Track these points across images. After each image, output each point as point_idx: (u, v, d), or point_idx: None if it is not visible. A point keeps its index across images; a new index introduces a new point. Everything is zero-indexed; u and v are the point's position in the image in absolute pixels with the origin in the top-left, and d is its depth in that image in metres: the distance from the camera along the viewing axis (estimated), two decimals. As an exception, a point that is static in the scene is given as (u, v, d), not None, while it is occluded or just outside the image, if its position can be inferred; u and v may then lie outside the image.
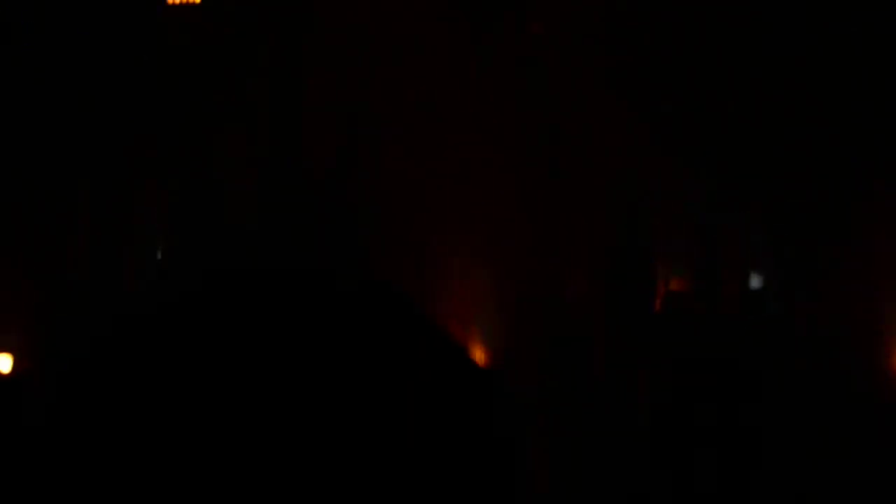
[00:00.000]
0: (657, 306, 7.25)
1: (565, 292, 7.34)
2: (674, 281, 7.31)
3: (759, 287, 7.34)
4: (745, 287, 7.33)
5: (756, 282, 7.35)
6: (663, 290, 7.26)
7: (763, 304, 7.28)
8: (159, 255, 7.91)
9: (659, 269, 7.29)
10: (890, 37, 7.10)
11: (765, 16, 7.29)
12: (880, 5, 7.13)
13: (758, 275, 7.36)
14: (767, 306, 7.27)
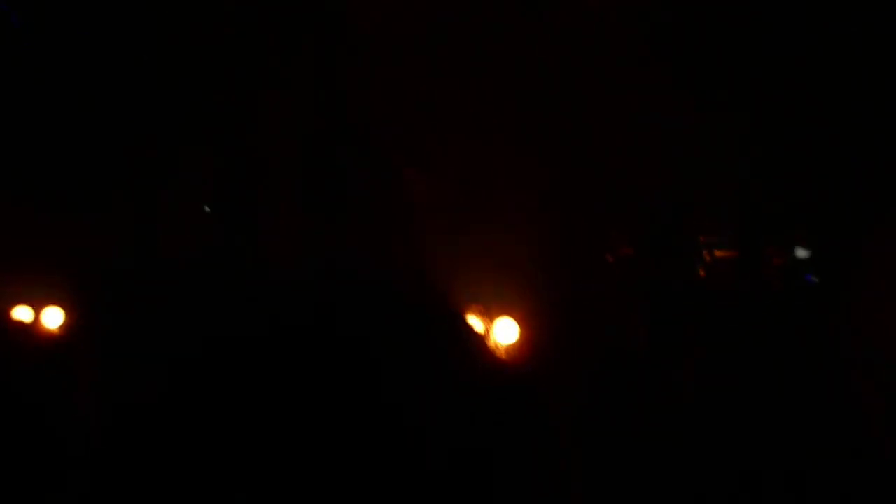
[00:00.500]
0: (702, 275, 7.25)
1: (610, 264, 7.35)
2: (718, 251, 7.32)
3: (805, 258, 7.34)
4: (791, 258, 7.33)
5: (802, 253, 7.35)
6: (708, 259, 7.27)
7: (807, 276, 7.26)
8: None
9: (703, 240, 7.30)
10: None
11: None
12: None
13: (803, 248, 7.36)
14: (811, 278, 7.25)
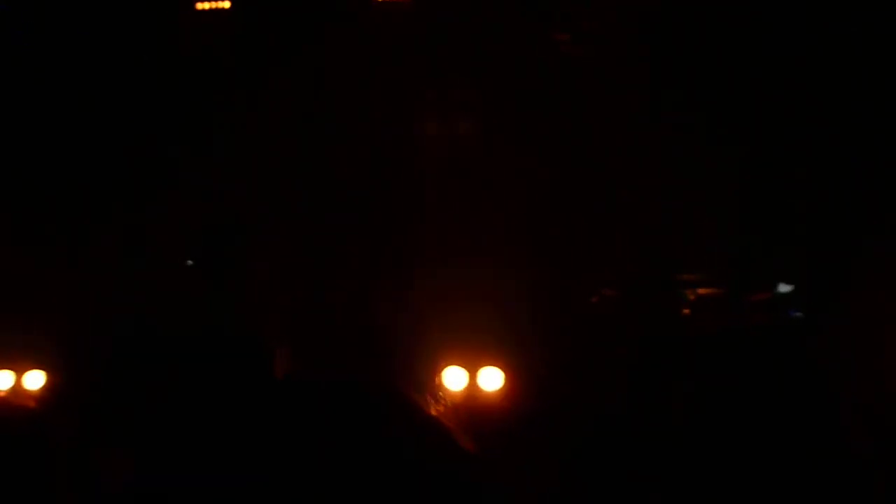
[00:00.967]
0: (686, 312, 7.23)
1: (591, 303, 7.33)
2: (702, 289, 7.31)
3: (788, 292, 7.33)
4: (774, 293, 7.33)
5: (784, 288, 7.35)
6: (692, 297, 7.25)
7: (790, 310, 7.25)
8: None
9: (687, 278, 7.29)
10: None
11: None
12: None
13: (785, 282, 7.36)
14: (794, 312, 7.24)
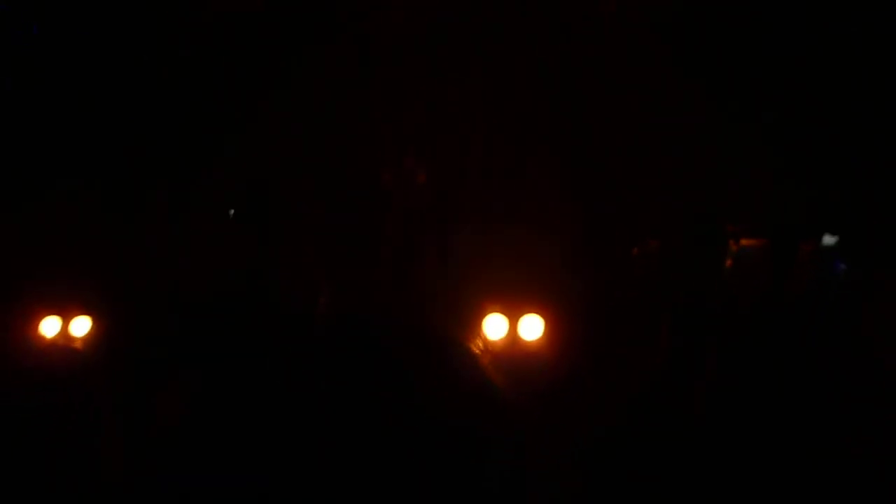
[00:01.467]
0: (728, 264, 7.16)
1: (633, 254, 7.29)
2: (745, 240, 7.23)
3: (833, 244, 7.24)
4: (818, 244, 7.24)
5: (829, 240, 7.25)
6: (735, 248, 7.18)
7: (836, 262, 7.16)
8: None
9: (730, 229, 7.21)
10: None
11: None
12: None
13: (831, 234, 7.26)
14: (839, 264, 7.15)
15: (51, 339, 6.70)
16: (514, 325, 6.88)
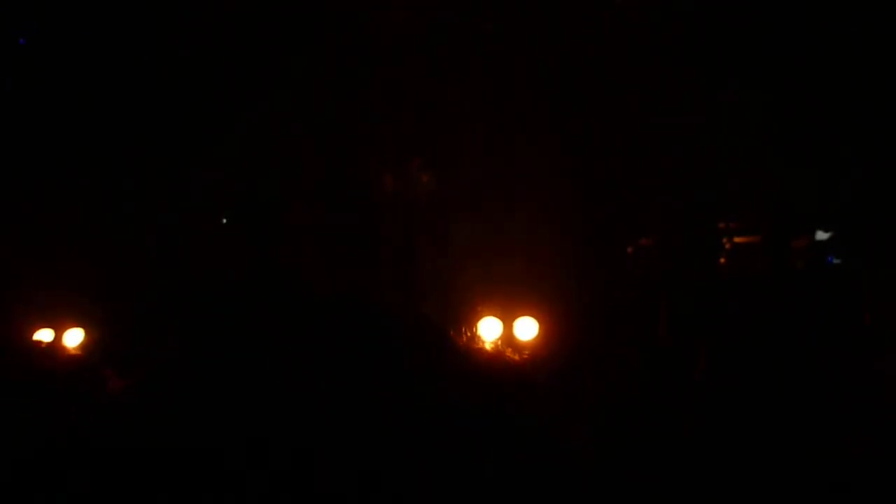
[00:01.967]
0: (722, 261, 7.15)
1: (628, 253, 7.28)
2: (738, 238, 7.23)
3: (826, 239, 7.22)
4: (811, 240, 7.22)
5: (822, 235, 7.24)
6: (728, 246, 7.17)
7: (828, 257, 7.14)
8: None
9: (722, 227, 7.21)
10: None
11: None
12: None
13: (823, 229, 7.25)
14: (832, 259, 7.13)
15: (44, 346, 6.72)
16: (508, 327, 6.90)
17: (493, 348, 6.87)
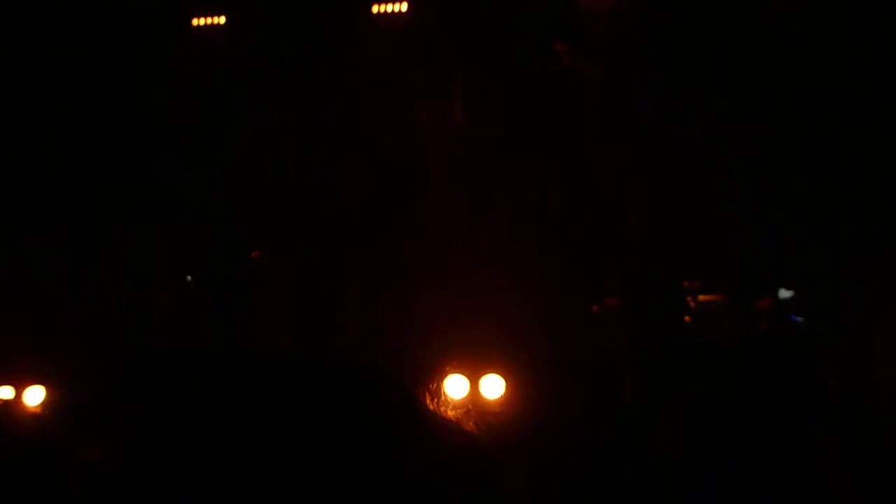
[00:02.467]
0: (687, 319, 7.20)
1: (591, 311, 7.31)
2: (703, 296, 7.28)
3: (788, 298, 7.29)
4: (775, 299, 7.28)
5: (786, 294, 7.30)
6: (693, 304, 7.22)
7: (791, 315, 7.20)
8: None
9: (687, 285, 7.26)
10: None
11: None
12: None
13: (786, 288, 7.32)
14: (795, 317, 7.20)
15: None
16: (475, 385, 6.87)
17: (459, 410, 6.85)
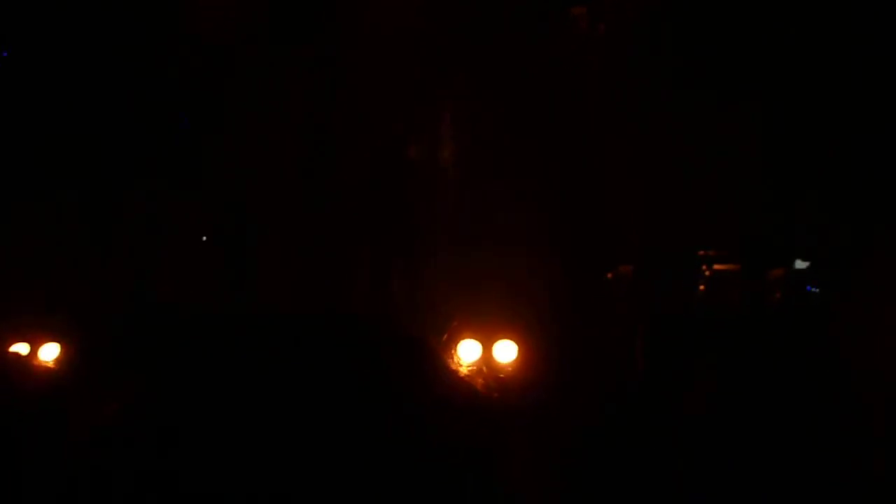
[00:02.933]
0: (701, 288, 7.19)
1: (606, 279, 7.31)
2: (717, 265, 7.26)
3: (804, 269, 7.27)
4: (790, 269, 7.27)
5: (801, 264, 7.29)
6: (708, 273, 7.21)
7: (807, 286, 7.19)
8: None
9: (702, 254, 7.24)
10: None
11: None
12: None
13: (801, 258, 7.30)
14: (811, 288, 7.18)
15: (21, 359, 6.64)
16: (488, 349, 6.88)
17: (471, 371, 6.86)
